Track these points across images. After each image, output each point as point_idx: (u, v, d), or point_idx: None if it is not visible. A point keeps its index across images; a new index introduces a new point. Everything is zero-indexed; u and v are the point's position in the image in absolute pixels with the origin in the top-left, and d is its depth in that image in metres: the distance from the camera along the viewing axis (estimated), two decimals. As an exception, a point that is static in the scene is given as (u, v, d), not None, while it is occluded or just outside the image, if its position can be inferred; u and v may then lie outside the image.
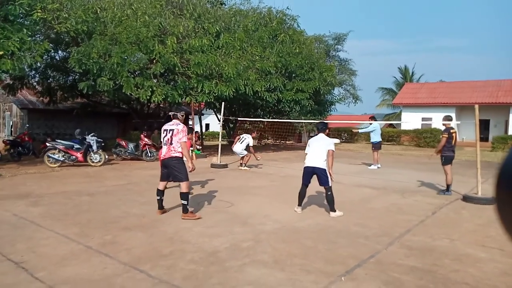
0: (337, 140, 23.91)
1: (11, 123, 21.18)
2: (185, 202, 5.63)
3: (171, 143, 5.64)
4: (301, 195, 6.26)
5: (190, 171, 5.84)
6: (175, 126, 5.72)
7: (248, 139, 11.65)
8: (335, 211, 6.01)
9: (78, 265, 3.80)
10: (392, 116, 37.30)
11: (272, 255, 4.18)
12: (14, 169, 10.63)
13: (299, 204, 6.28)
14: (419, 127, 25.68)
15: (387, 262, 4.02)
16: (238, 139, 11.89)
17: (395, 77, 40.13)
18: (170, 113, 6.02)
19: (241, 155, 11.77)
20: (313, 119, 19.31)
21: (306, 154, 6.27)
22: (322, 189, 7.51)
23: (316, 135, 6.46)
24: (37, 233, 4.81)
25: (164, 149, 5.76)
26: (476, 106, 7.60)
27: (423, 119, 26.70)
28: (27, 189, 7.82)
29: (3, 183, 8.44)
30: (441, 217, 6.15)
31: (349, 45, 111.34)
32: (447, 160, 7.90)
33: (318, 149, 6.07)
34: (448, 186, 8.04)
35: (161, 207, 5.91)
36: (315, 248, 4.43)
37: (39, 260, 3.89)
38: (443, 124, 8.27)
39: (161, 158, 5.85)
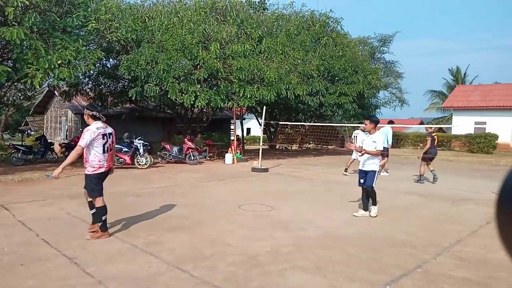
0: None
1: (66, 128, 22.64)
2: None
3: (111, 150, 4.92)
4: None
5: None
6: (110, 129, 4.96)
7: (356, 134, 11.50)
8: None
9: (124, 262, 3.96)
10: (442, 120, 35.45)
11: (313, 261, 4.11)
12: (68, 171, 11.31)
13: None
14: (472, 131, 24.21)
15: (436, 273, 3.81)
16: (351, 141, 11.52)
17: (445, 79, 38.18)
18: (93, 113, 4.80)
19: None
20: (357, 123, 18.88)
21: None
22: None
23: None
24: (88, 231, 5.07)
25: (106, 157, 4.80)
26: (537, 109, 7.03)
27: (476, 123, 25.15)
28: (80, 189, 8.25)
29: (59, 183, 9.01)
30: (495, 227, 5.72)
31: (396, 46, 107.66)
32: (426, 158, 10.12)
33: None
34: (420, 176, 10.23)
35: None
36: (359, 256, 4.30)
37: (89, 257, 4.10)
38: (426, 129, 10.95)
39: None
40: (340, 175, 11.43)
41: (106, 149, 4.78)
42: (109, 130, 4.91)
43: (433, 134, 10.30)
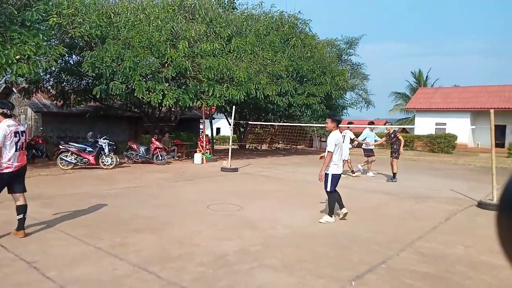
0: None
1: (25, 126, 21.57)
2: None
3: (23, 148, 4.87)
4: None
5: None
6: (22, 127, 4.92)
7: (347, 134, 10.81)
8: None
9: (88, 265, 3.82)
10: (405, 121, 36.87)
11: (281, 259, 4.14)
12: (28, 171, 10.77)
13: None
14: (433, 132, 25.33)
15: (399, 268, 3.94)
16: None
17: (408, 82, 39.67)
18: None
19: (347, 159, 10.67)
20: (324, 124, 19.25)
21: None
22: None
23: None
24: (49, 233, 4.86)
25: (17, 156, 4.77)
26: (492, 111, 7.45)
27: (437, 124, 26.33)
28: (40, 190, 7.92)
29: (17, 185, 8.56)
30: (454, 223, 6.02)
31: (362, 49, 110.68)
32: (398, 156, 10.60)
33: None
34: (394, 174, 10.59)
35: None
36: (326, 254, 4.37)
37: (50, 260, 3.92)
38: (387, 129, 11.66)
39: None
40: (310, 175, 11.59)
41: (18, 147, 4.72)
42: (22, 128, 4.87)
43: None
